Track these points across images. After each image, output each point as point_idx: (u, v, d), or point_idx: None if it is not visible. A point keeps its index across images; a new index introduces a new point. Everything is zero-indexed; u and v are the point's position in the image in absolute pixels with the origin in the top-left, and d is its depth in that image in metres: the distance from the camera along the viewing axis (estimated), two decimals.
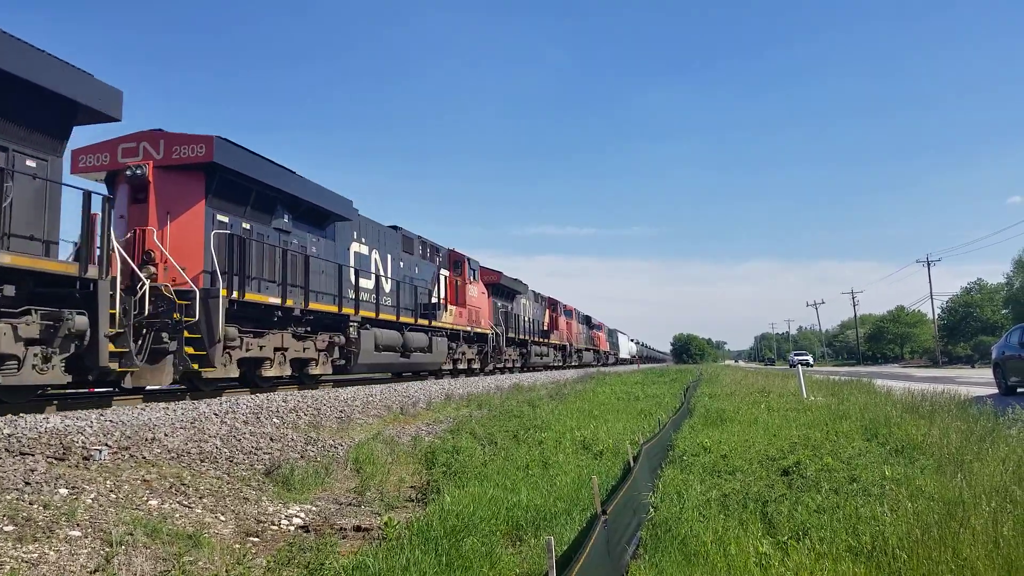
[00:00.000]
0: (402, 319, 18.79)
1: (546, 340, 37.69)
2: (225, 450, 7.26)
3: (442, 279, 22.59)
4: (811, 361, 78.27)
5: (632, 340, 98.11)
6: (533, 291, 36.20)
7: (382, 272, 18.48)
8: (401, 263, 19.73)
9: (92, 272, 8.77)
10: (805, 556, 4.45)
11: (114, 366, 9.37)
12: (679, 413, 11.96)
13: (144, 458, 6.36)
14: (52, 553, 4.07)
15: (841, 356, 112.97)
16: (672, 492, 6.08)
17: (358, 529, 5.58)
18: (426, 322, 20.30)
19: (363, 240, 17.67)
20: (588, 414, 13.15)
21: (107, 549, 4.26)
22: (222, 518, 5.49)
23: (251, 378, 13.38)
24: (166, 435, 7.13)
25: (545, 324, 38.40)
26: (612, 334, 72.97)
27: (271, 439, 8.11)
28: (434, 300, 21.23)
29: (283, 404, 10.16)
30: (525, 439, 9.69)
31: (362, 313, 16.43)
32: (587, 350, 52.85)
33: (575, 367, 45.88)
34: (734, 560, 4.40)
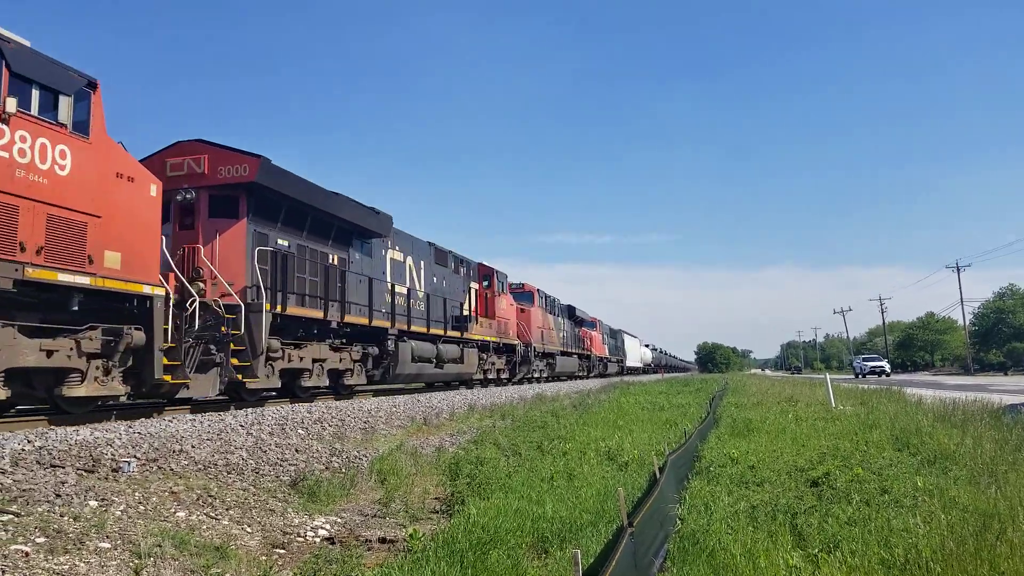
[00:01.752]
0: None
1: (461, 334, 21.03)
2: (251, 461, 7.31)
3: None
4: (887, 369, 58.47)
5: (647, 346, 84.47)
6: (433, 244, 20.47)
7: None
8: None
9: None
10: (836, 569, 4.37)
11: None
12: (705, 423, 11.84)
13: (172, 470, 6.42)
14: (82, 565, 4.11)
15: None
16: (699, 504, 6.01)
17: (383, 541, 5.58)
18: None
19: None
20: (612, 424, 13.08)
21: (136, 561, 4.30)
22: (248, 530, 5.52)
23: (292, 388, 13.67)
24: (193, 447, 7.19)
25: (469, 306, 22.37)
26: (616, 335, 58.14)
27: (296, 450, 8.15)
28: None
29: (308, 415, 10.22)
30: (549, 450, 9.66)
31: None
32: (567, 354, 36.20)
33: (540, 379, 30.98)
34: (763, 573, 4.33)
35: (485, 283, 24.75)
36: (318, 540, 5.62)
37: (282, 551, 5.25)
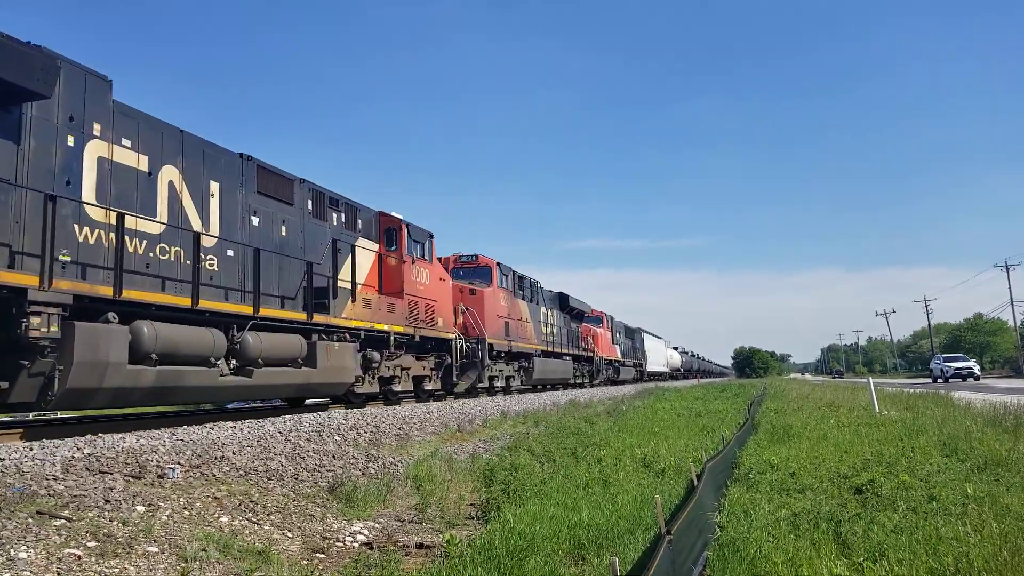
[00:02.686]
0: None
1: (308, 316, 12.03)
2: (290, 468, 7.41)
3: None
4: (977, 371, 48.02)
5: (676, 348, 77.15)
6: (252, 159, 11.70)
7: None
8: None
9: None
10: None
11: None
12: (743, 429, 11.68)
13: (214, 476, 6.54)
14: (132, 568, 4.21)
15: (915, 367, 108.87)
16: (739, 511, 5.93)
17: (420, 546, 5.61)
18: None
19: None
20: (648, 431, 12.97)
21: (182, 565, 4.39)
22: (289, 534, 5.60)
23: None
24: (234, 453, 7.31)
25: (335, 270, 13.18)
26: (633, 335, 48.71)
27: (333, 456, 8.25)
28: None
29: (343, 422, 10.33)
30: (584, 456, 9.61)
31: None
32: (553, 355, 26.64)
33: (508, 390, 22.43)
34: None
35: (390, 246, 15.40)
36: (357, 545, 5.68)
37: (322, 556, 5.31)
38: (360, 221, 14.51)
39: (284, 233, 12.18)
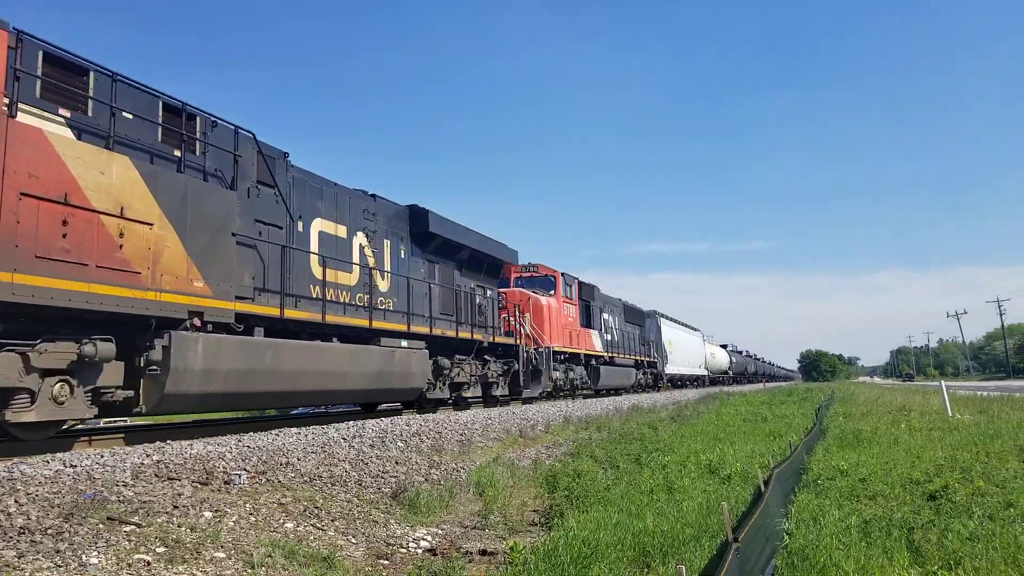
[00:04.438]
0: None
1: None
2: (354, 473, 7.51)
3: None
4: None
5: (725, 347, 63.99)
6: None
7: None
8: None
9: None
10: None
11: None
12: (811, 434, 11.38)
13: (279, 482, 6.67)
14: (199, 574, 4.31)
15: (988, 369, 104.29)
16: (808, 518, 5.77)
17: (484, 553, 5.60)
18: None
19: None
20: (713, 436, 12.74)
21: (249, 571, 4.48)
22: (353, 540, 5.67)
23: None
24: (298, 460, 7.45)
25: None
26: (641, 320, 34.05)
27: (396, 462, 8.33)
28: None
29: (406, 428, 10.43)
30: (648, 462, 9.49)
31: None
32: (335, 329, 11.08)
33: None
34: None
35: None
36: (420, 551, 5.71)
37: (386, 562, 5.36)
38: None
39: None
